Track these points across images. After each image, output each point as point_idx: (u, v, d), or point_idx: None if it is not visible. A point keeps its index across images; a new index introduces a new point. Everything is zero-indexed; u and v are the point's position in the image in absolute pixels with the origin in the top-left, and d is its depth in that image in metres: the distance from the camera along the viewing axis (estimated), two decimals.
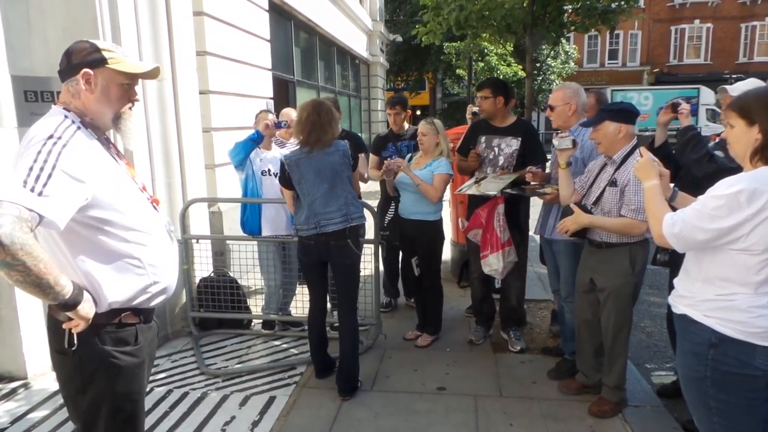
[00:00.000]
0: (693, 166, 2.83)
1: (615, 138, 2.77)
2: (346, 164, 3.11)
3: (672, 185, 2.15)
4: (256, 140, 3.90)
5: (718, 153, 2.70)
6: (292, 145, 4.57)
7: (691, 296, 1.84)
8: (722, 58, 30.19)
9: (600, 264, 2.91)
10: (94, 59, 1.62)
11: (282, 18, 8.38)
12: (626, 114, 2.79)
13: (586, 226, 2.84)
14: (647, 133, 3.27)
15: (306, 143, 3.10)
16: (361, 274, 4.04)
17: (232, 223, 4.96)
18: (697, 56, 31.10)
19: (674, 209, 1.88)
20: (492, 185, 3.53)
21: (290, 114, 4.43)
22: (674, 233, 1.75)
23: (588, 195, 2.94)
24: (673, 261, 2.91)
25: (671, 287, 3.22)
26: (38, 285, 1.39)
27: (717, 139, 2.94)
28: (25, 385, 3.36)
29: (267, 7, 6.91)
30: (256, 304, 4.55)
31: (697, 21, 30.70)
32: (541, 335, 4.12)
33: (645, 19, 29.44)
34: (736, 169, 1.82)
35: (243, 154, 3.91)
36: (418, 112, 27.45)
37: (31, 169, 1.39)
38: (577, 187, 3.03)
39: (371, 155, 4.67)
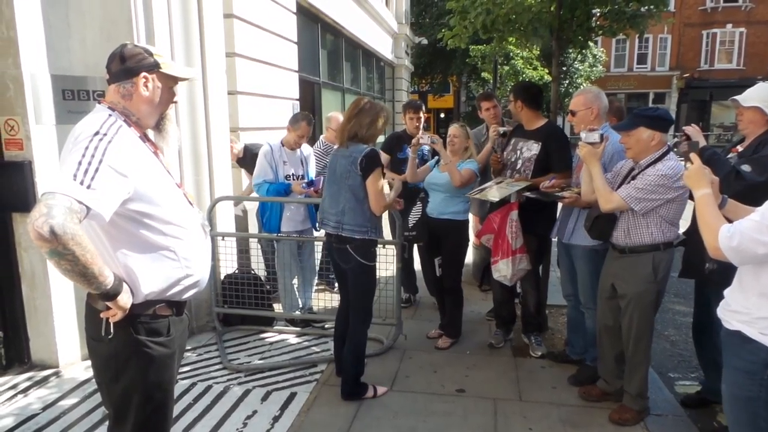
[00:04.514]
0: (721, 186, 2.74)
1: (647, 145, 2.72)
2: (352, 172, 2.97)
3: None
4: (287, 193, 4.18)
5: (745, 168, 2.60)
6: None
7: (747, 312, 1.75)
8: (755, 63, 29.38)
9: (622, 270, 2.88)
10: (150, 63, 1.71)
11: (309, 20, 8.46)
12: (662, 122, 2.74)
13: (588, 164, 2.86)
14: (693, 140, 3.12)
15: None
16: (384, 274, 4.11)
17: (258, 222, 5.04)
18: (729, 61, 30.35)
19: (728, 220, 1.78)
20: (496, 191, 3.51)
21: (338, 118, 4.77)
22: (732, 246, 1.66)
23: None
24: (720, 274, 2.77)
25: (696, 296, 3.18)
26: (84, 274, 1.45)
27: (739, 150, 2.87)
28: (57, 374, 3.48)
29: (295, 10, 7.00)
30: (277, 305, 4.62)
31: (729, 25, 29.97)
32: (562, 340, 4.09)
33: (675, 23, 28.84)
34: (766, 182, 1.76)
35: (268, 194, 4.19)
36: (442, 115, 27.40)
37: (80, 163, 1.46)
38: None
39: (381, 154, 4.71)
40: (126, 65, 1.69)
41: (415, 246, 4.60)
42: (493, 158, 3.85)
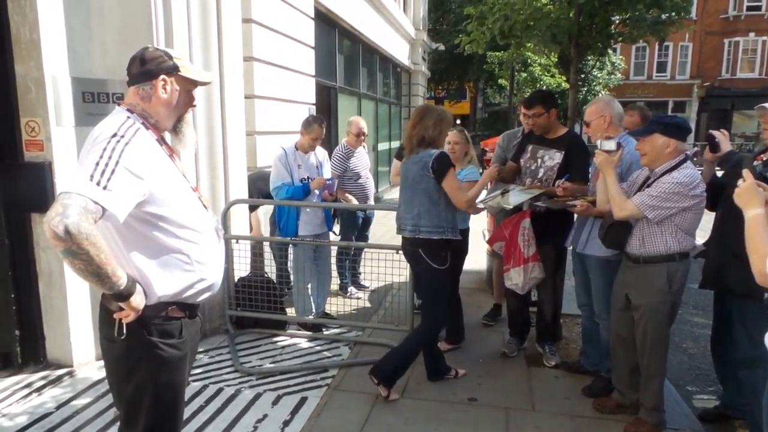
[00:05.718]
0: None
1: (662, 152, 2.69)
2: (424, 176, 3.12)
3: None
4: (306, 193, 4.18)
5: None
6: (361, 153, 5.09)
7: None
8: None
9: (636, 280, 2.83)
10: (169, 66, 1.73)
11: (327, 26, 8.51)
12: (678, 129, 2.71)
13: (603, 171, 2.82)
14: (740, 153, 3.06)
15: None
16: (396, 280, 4.10)
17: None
18: (752, 70, 29.87)
19: None
20: (509, 198, 3.46)
21: (358, 122, 5.01)
22: None
23: None
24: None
25: (715, 308, 3.12)
26: (98, 274, 1.46)
27: (764, 159, 2.82)
28: (70, 373, 3.51)
29: (313, 15, 7.05)
30: (290, 309, 4.63)
31: (752, 34, 29.51)
32: (577, 350, 4.03)
33: (696, 31, 28.47)
34: None
35: (287, 196, 4.17)
36: (458, 122, 27.38)
37: (97, 164, 1.48)
38: None
39: (394, 161, 4.76)
40: (146, 68, 1.71)
41: None
42: (509, 165, 3.79)
